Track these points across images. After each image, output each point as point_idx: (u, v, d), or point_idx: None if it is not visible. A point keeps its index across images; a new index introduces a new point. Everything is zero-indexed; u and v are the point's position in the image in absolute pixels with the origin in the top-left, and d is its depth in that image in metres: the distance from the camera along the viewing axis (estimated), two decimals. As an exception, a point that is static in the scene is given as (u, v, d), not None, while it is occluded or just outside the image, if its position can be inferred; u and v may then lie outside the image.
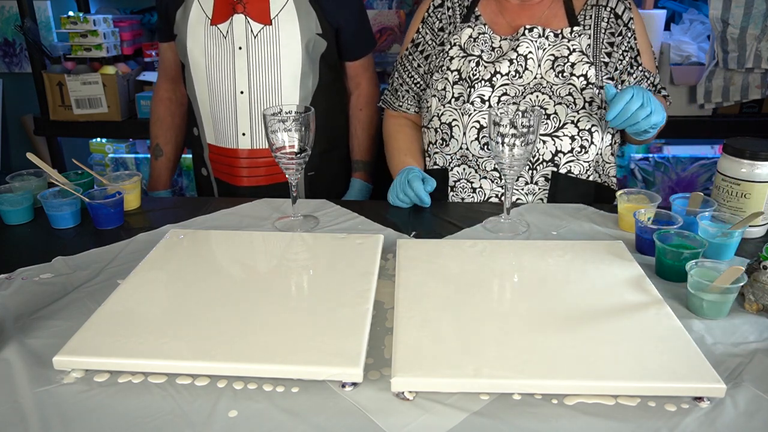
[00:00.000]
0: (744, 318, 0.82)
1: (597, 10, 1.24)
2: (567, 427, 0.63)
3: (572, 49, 1.21)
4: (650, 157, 2.24)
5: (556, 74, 1.20)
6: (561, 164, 1.22)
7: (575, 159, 1.22)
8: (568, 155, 1.21)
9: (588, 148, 1.22)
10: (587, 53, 1.21)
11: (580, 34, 1.22)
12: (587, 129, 1.20)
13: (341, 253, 0.96)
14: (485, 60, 1.23)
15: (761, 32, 1.88)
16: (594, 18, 1.23)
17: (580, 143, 1.21)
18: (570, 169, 1.23)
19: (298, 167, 1.07)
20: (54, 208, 1.12)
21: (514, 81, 1.21)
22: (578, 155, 1.22)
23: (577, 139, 1.20)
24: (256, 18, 1.31)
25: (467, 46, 1.26)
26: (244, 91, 1.35)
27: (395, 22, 2.28)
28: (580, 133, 1.20)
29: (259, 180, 1.43)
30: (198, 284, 0.87)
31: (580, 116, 1.19)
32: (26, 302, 0.88)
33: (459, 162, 1.27)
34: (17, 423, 0.64)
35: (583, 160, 1.22)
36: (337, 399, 0.68)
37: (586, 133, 1.21)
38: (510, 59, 1.21)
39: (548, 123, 1.19)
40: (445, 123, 1.26)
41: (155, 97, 1.55)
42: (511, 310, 0.80)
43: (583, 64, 1.20)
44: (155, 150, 1.55)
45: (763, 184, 1.02)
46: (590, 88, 1.20)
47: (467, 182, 1.27)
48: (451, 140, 1.26)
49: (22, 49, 2.73)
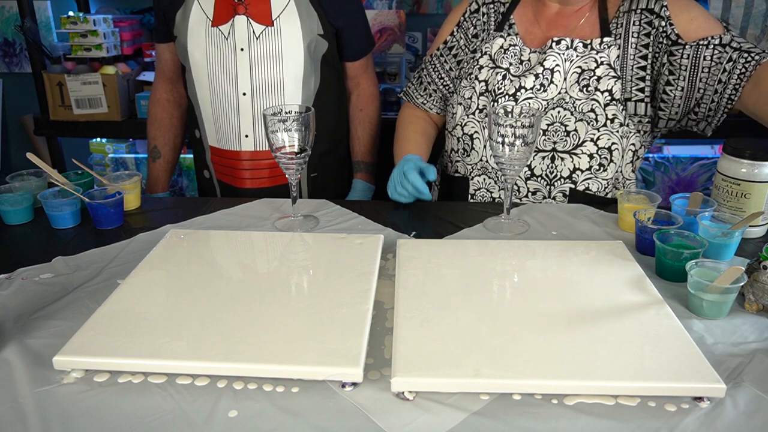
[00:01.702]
0: (744, 318, 0.82)
1: (628, 15, 1.16)
2: (567, 427, 0.63)
3: (600, 61, 1.16)
4: (650, 157, 2.24)
5: (580, 88, 1.17)
6: (579, 182, 1.22)
7: (593, 177, 1.21)
8: (585, 173, 1.21)
9: (607, 166, 1.21)
10: (614, 66, 1.16)
11: (610, 45, 1.16)
12: (607, 147, 1.19)
13: (341, 253, 0.96)
14: (512, 74, 1.22)
15: (761, 32, 1.88)
16: (625, 25, 1.17)
17: (598, 161, 1.20)
18: (588, 186, 1.22)
19: (298, 167, 1.07)
20: (54, 208, 1.12)
21: (537, 95, 1.20)
22: (596, 173, 1.21)
23: (596, 158, 1.19)
24: (258, 19, 1.31)
25: (497, 57, 1.25)
26: (247, 93, 1.35)
27: (395, 22, 2.28)
28: (599, 152, 1.19)
29: (263, 182, 1.43)
30: (198, 284, 0.87)
31: (600, 134, 1.18)
32: (26, 302, 0.88)
33: (480, 172, 1.28)
34: (17, 423, 0.64)
35: (601, 177, 1.22)
36: (337, 399, 0.68)
37: (606, 152, 1.19)
38: (536, 74, 1.19)
39: (567, 140, 1.19)
40: (467, 134, 1.27)
41: (152, 98, 1.54)
42: (511, 310, 0.80)
43: (609, 78, 1.16)
44: (153, 152, 1.54)
45: (763, 184, 1.02)
46: (614, 105, 1.17)
47: (487, 191, 1.29)
48: (472, 151, 1.28)
49: (22, 49, 2.73)
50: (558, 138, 1.19)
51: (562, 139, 1.18)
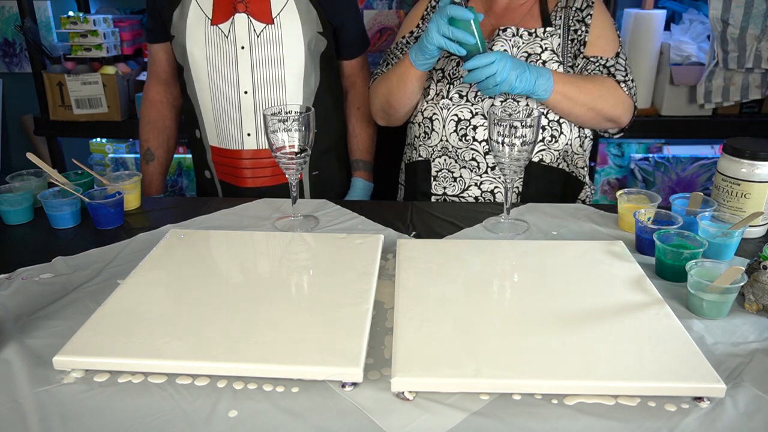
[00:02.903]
0: (744, 318, 0.82)
1: (566, 11, 1.31)
2: (567, 427, 0.63)
3: (544, 47, 1.28)
4: (650, 157, 2.24)
5: None
6: (534, 152, 1.27)
7: (546, 148, 1.29)
8: (539, 144, 1.28)
9: (558, 137, 1.28)
10: (557, 52, 1.29)
11: (552, 34, 1.29)
12: (556, 120, 1.28)
13: (341, 253, 0.96)
14: None
15: (761, 32, 1.88)
16: (563, 19, 1.30)
17: (550, 133, 1.28)
18: (542, 157, 1.29)
19: (298, 167, 1.07)
20: (54, 208, 1.12)
21: None
22: (549, 144, 1.29)
23: (548, 129, 1.28)
24: (259, 17, 1.31)
25: None
26: (248, 91, 1.35)
27: (395, 22, 2.28)
28: (550, 124, 1.27)
29: (265, 181, 1.42)
30: (198, 284, 0.87)
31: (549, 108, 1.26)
32: (26, 302, 0.88)
33: (440, 153, 1.34)
34: (17, 423, 0.64)
35: (553, 149, 1.29)
36: (337, 399, 0.68)
37: (556, 124, 1.28)
38: None
39: (521, 112, 1.24)
40: (427, 117, 1.34)
41: (145, 100, 1.52)
42: (511, 310, 0.80)
43: (553, 62, 1.28)
44: (146, 154, 1.51)
45: (763, 184, 1.02)
46: None
47: (448, 172, 1.34)
48: (432, 133, 1.34)
49: (22, 49, 2.73)
50: (513, 111, 1.25)
51: (516, 111, 1.25)
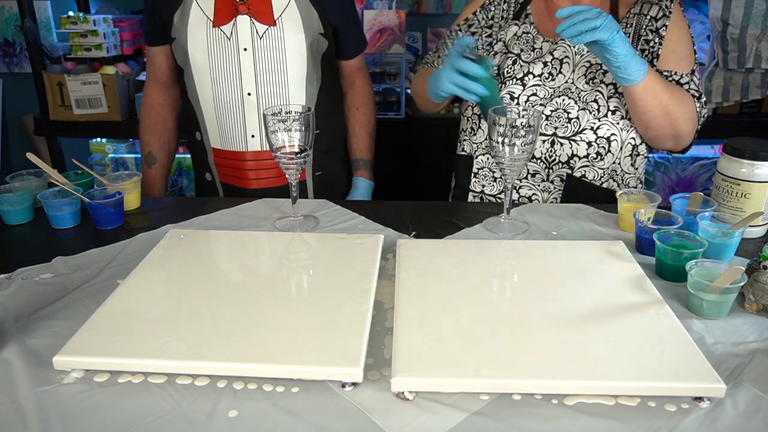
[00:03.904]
0: (744, 318, 0.82)
1: (638, 18, 1.22)
2: (567, 427, 0.63)
3: None
4: (650, 157, 2.24)
5: (586, 80, 1.22)
6: (575, 168, 1.24)
7: (590, 165, 1.24)
8: (583, 160, 1.23)
9: (604, 156, 1.23)
10: None
11: None
12: (606, 137, 1.22)
13: (341, 253, 0.96)
14: (523, 59, 1.27)
15: (761, 32, 1.88)
16: (635, 26, 1.22)
17: (596, 150, 1.22)
18: (584, 173, 1.25)
19: (299, 167, 1.07)
20: (54, 208, 1.12)
21: (545, 83, 1.24)
22: (593, 161, 1.24)
23: (594, 146, 1.22)
24: (261, 18, 1.31)
25: (510, 44, 1.30)
26: (252, 93, 1.35)
27: (395, 22, 2.29)
28: (597, 140, 1.22)
29: (269, 182, 1.42)
30: (198, 284, 0.87)
31: (600, 123, 1.21)
32: (26, 302, 0.88)
33: (484, 151, 1.33)
34: (17, 423, 0.64)
35: (598, 166, 1.24)
36: (337, 399, 0.68)
37: (604, 141, 1.22)
38: (545, 62, 1.25)
39: (568, 126, 1.22)
40: (476, 114, 1.33)
41: (145, 103, 1.51)
42: (511, 310, 0.80)
43: None
44: (148, 158, 1.51)
45: (763, 184, 1.02)
46: (616, 97, 1.21)
47: (489, 171, 1.33)
48: (478, 130, 1.32)
49: (22, 49, 2.73)
50: (560, 124, 1.22)
51: (563, 125, 1.22)
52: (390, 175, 1.59)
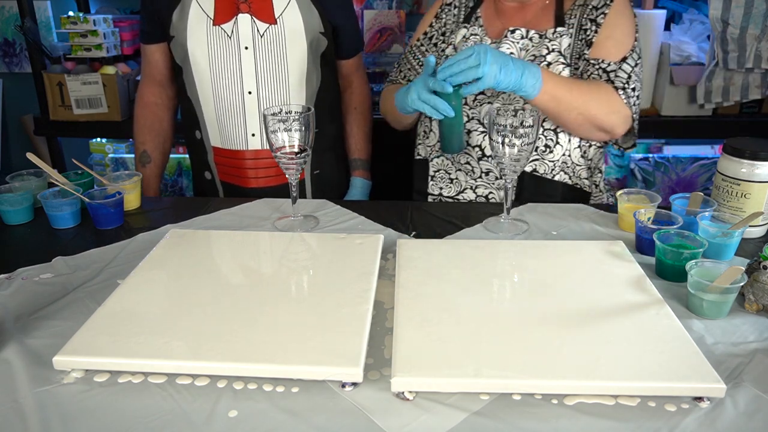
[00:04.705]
0: (744, 318, 0.82)
1: (582, 9, 1.24)
2: (567, 427, 0.63)
3: (551, 49, 1.22)
4: (650, 157, 2.24)
5: None
6: None
7: (540, 158, 1.25)
8: (534, 153, 1.24)
9: (553, 147, 1.24)
10: (565, 54, 1.23)
11: (563, 34, 1.23)
12: (552, 129, 1.23)
13: (341, 253, 0.96)
14: None
15: (761, 32, 1.88)
16: (578, 17, 1.24)
17: (544, 142, 1.24)
18: (535, 168, 1.26)
19: (299, 167, 1.07)
20: (54, 208, 1.12)
21: None
22: (543, 154, 1.25)
23: (542, 138, 1.24)
24: (262, 17, 1.31)
25: (459, 46, 1.32)
26: (252, 92, 1.35)
27: (395, 22, 2.29)
28: (544, 133, 1.23)
29: (269, 181, 1.42)
30: (198, 284, 0.87)
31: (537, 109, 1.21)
32: (26, 302, 0.88)
33: (438, 154, 1.34)
34: (17, 423, 0.64)
35: (548, 159, 1.25)
36: (337, 399, 0.68)
37: (551, 133, 1.24)
38: None
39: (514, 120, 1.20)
40: (427, 117, 1.33)
41: (140, 102, 1.50)
42: (511, 310, 0.80)
43: (558, 64, 1.21)
44: (142, 157, 1.50)
45: (763, 184, 1.02)
46: None
47: (445, 173, 1.34)
48: (430, 133, 1.34)
49: (22, 49, 2.73)
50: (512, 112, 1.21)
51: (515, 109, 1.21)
52: (389, 175, 1.59)
